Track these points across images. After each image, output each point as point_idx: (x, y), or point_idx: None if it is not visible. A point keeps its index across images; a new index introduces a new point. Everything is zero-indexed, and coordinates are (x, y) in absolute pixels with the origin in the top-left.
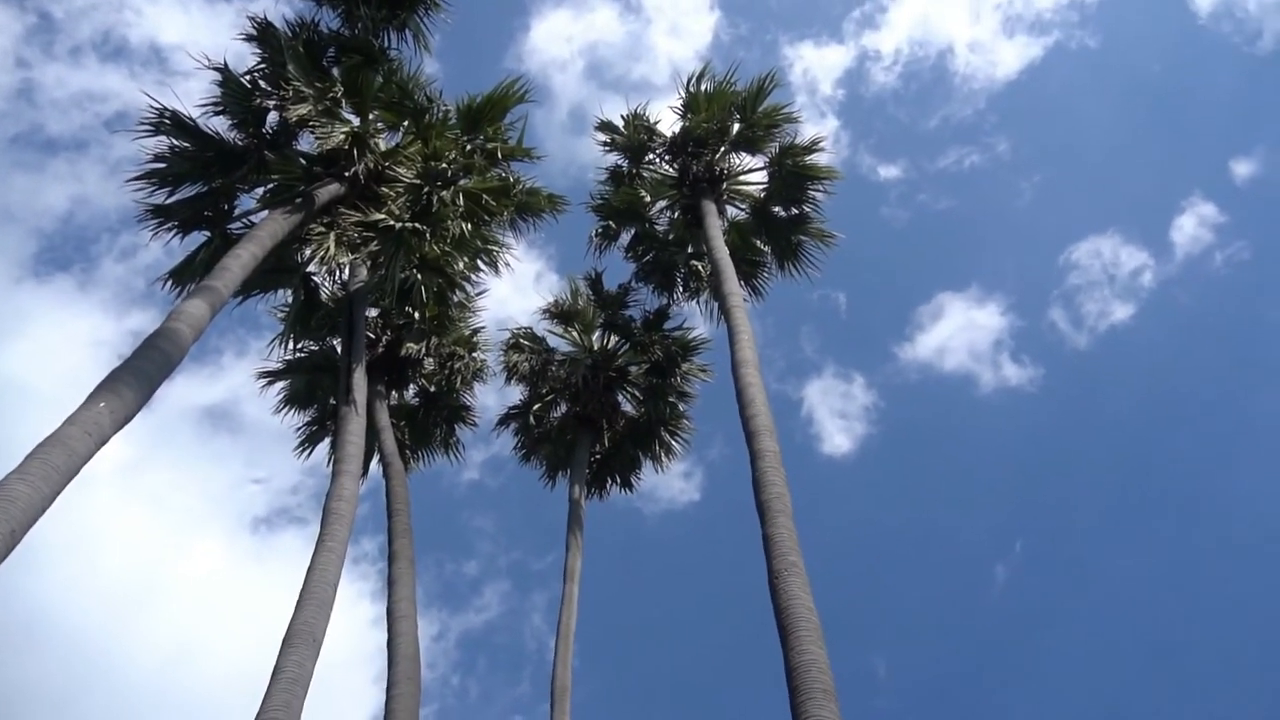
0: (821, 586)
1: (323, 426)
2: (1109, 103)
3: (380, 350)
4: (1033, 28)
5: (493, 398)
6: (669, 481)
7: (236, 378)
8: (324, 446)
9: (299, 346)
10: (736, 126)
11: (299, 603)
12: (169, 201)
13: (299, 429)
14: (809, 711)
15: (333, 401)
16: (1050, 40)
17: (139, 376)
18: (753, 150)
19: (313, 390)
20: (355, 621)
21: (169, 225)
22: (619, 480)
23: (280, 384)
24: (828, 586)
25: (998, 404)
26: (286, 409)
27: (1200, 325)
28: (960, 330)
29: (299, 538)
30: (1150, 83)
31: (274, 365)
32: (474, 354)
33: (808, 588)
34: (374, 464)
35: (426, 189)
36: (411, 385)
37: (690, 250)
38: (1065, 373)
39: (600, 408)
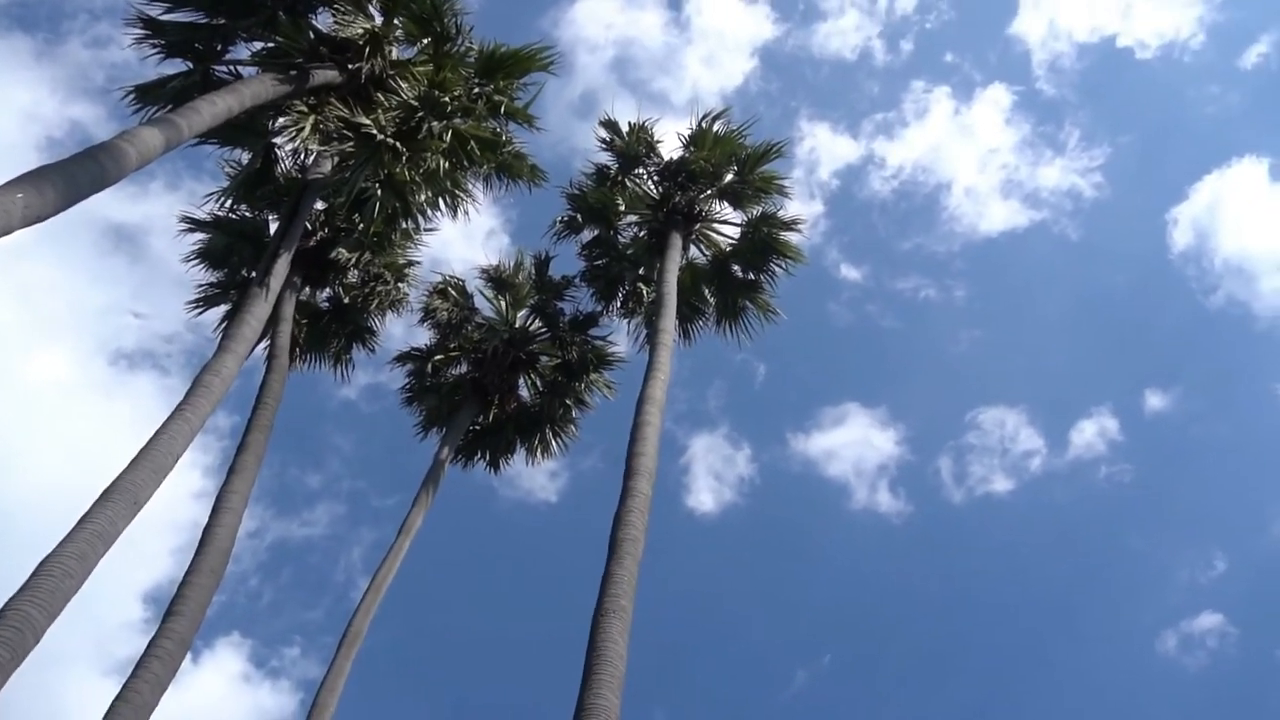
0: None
1: (225, 294)
2: (1067, 293)
3: (311, 244)
4: (1027, 198)
5: (399, 331)
6: (534, 475)
7: (157, 208)
8: (218, 313)
9: (235, 208)
10: (730, 176)
11: (135, 461)
12: (164, 17)
13: (201, 286)
14: None
15: (245, 273)
16: (1038, 216)
17: (68, 182)
18: (735, 204)
19: (229, 254)
20: (178, 487)
21: (155, 41)
22: (489, 458)
23: (201, 236)
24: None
25: (860, 523)
26: (197, 262)
27: (1062, 525)
28: (854, 443)
29: (155, 386)
30: (1110, 292)
31: (202, 215)
32: (400, 283)
33: (626, 635)
34: (260, 349)
35: (421, 114)
36: (327, 289)
37: (641, 272)
38: (931, 519)
39: (498, 383)
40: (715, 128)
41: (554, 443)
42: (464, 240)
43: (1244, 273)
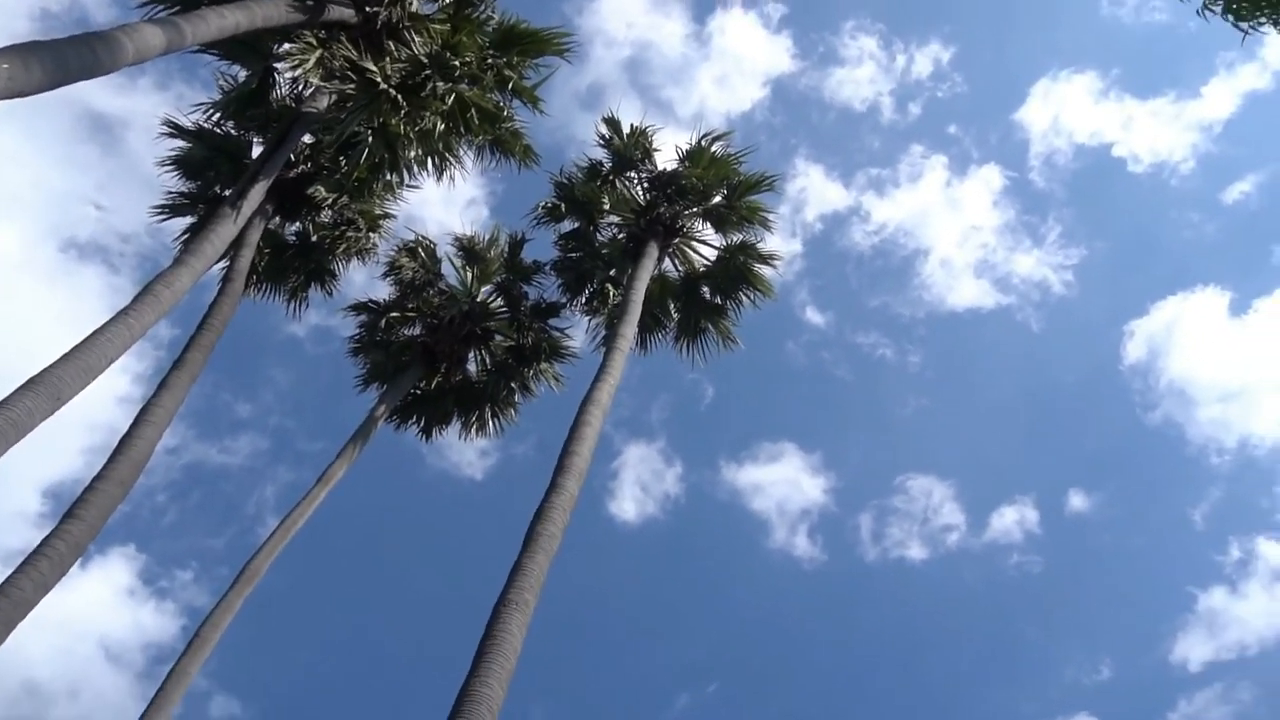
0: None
1: (193, 206)
2: (1017, 380)
3: (290, 175)
4: (999, 281)
5: (360, 280)
6: (464, 450)
7: (141, 105)
8: (183, 224)
9: (221, 123)
10: (718, 198)
11: (66, 356)
12: None
13: (171, 194)
14: None
15: (218, 190)
16: (1005, 300)
17: (58, 63)
18: (718, 227)
19: (206, 168)
20: (104, 387)
21: None
22: (423, 424)
23: (181, 144)
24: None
25: (773, 562)
26: (172, 169)
27: (965, 603)
28: (785, 482)
29: (101, 282)
30: (1058, 387)
31: (186, 123)
32: (371, 233)
33: (524, 630)
34: (217, 268)
35: (428, 72)
36: (298, 224)
37: (612, 274)
38: (842, 571)
39: (449, 352)
40: (713, 148)
41: (491, 423)
42: (443, 204)
43: (1185, 397)
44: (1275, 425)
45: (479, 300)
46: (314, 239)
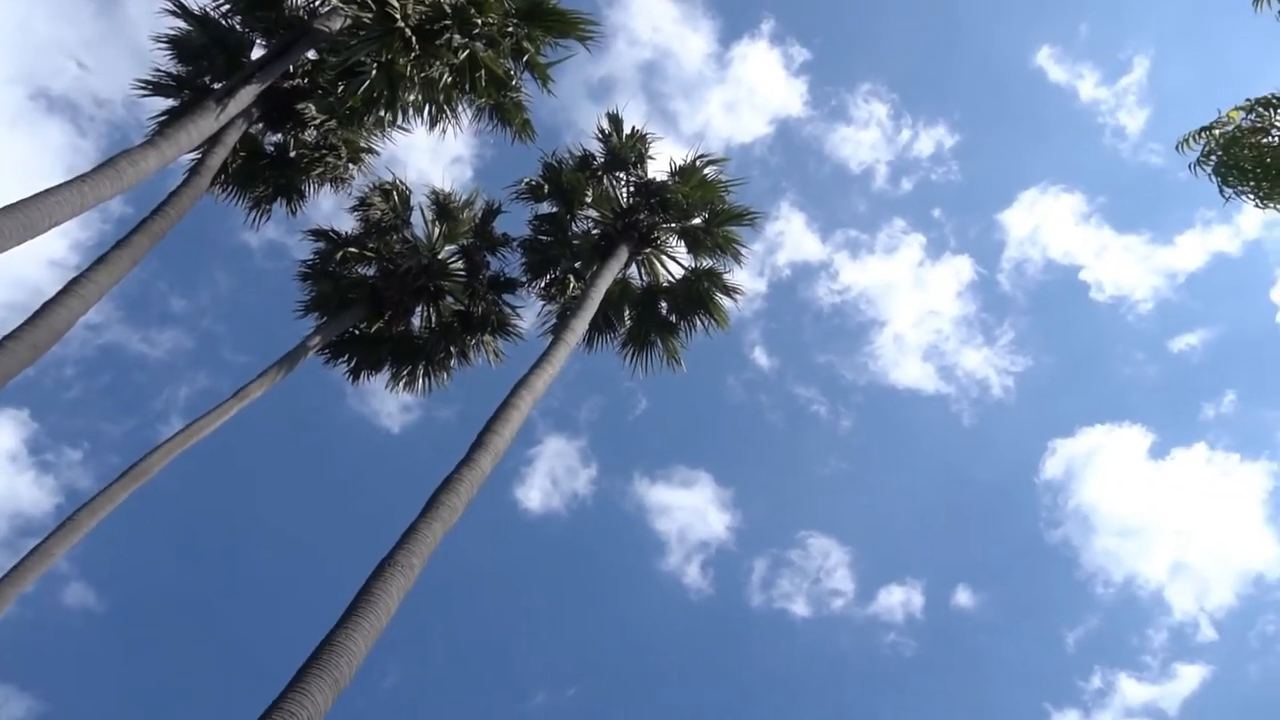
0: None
1: (178, 90)
2: (938, 467)
3: (284, 86)
4: (943, 369)
5: (327, 208)
6: (388, 400)
7: None
8: (163, 105)
9: (229, 15)
10: (697, 220)
11: (9, 208)
12: None
13: (159, 73)
14: (307, 687)
15: (207, 80)
16: (944, 389)
17: None
18: (690, 247)
19: (201, 55)
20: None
21: None
22: (353, 366)
23: (182, 25)
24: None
25: (662, 584)
26: (166, 47)
27: (835, 669)
28: (692, 510)
29: (64, 140)
30: (974, 484)
31: (192, 5)
32: (350, 164)
33: (402, 594)
34: (187, 158)
35: (449, 22)
36: (279, 135)
37: (577, 266)
38: (725, 609)
39: (396, 300)
40: (706, 170)
41: (422, 380)
42: (429, 154)
43: (1087, 524)
44: (1161, 570)
45: (440, 257)
46: (292, 155)
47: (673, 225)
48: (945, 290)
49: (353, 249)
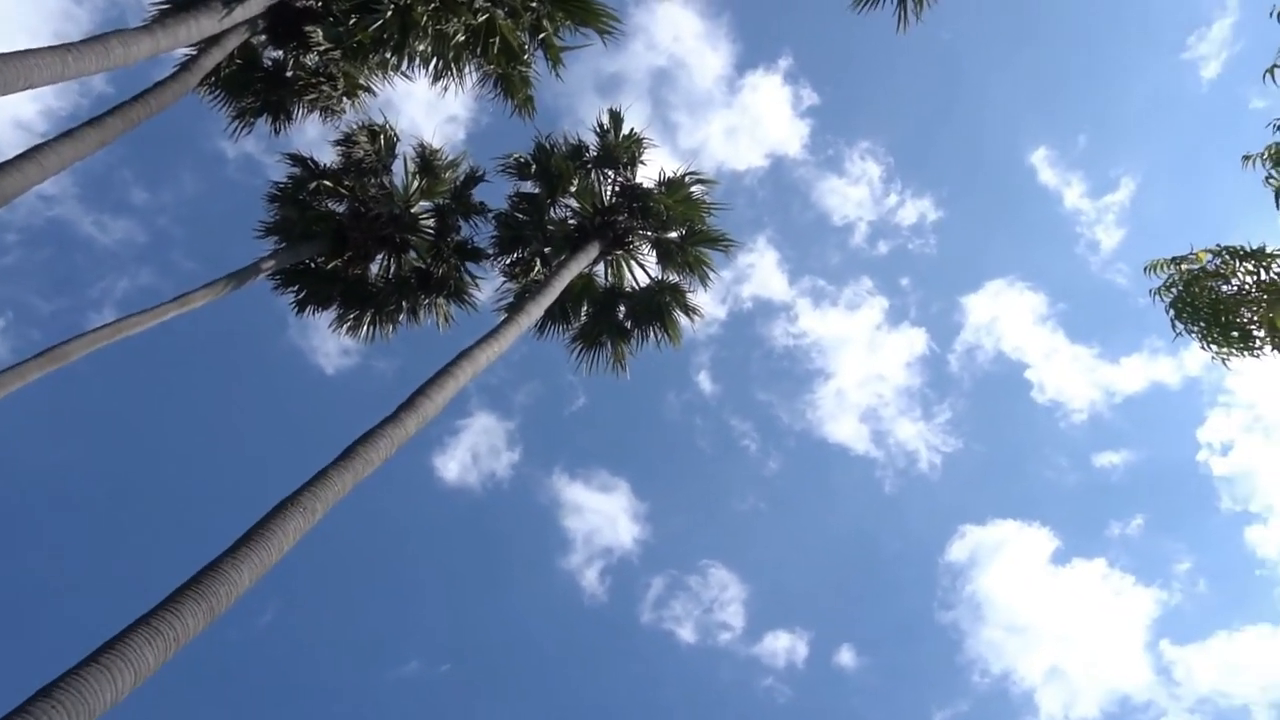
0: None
1: None
2: (851, 526)
3: (296, 4)
4: (876, 434)
5: (312, 135)
6: (329, 340)
7: None
8: None
9: None
10: (674, 234)
11: None
12: None
13: None
14: (180, 608)
15: None
16: (873, 454)
17: None
18: (661, 259)
19: None
20: (7, 108)
21: None
22: (302, 297)
23: None
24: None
25: (558, 581)
26: None
27: (704, 701)
28: (604, 515)
29: (56, 3)
30: (881, 550)
31: None
32: (345, 97)
33: (298, 536)
34: (180, 53)
35: None
36: (280, 52)
37: (546, 251)
38: (614, 618)
39: (359, 243)
40: (693, 188)
41: (367, 328)
42: (426, 107)
43: (978, 613)
44: (1038, 672)
45: (413, 211)
46: (288, 74)
47: (649, 233)
48: (896, 358)
49: (328, 182)
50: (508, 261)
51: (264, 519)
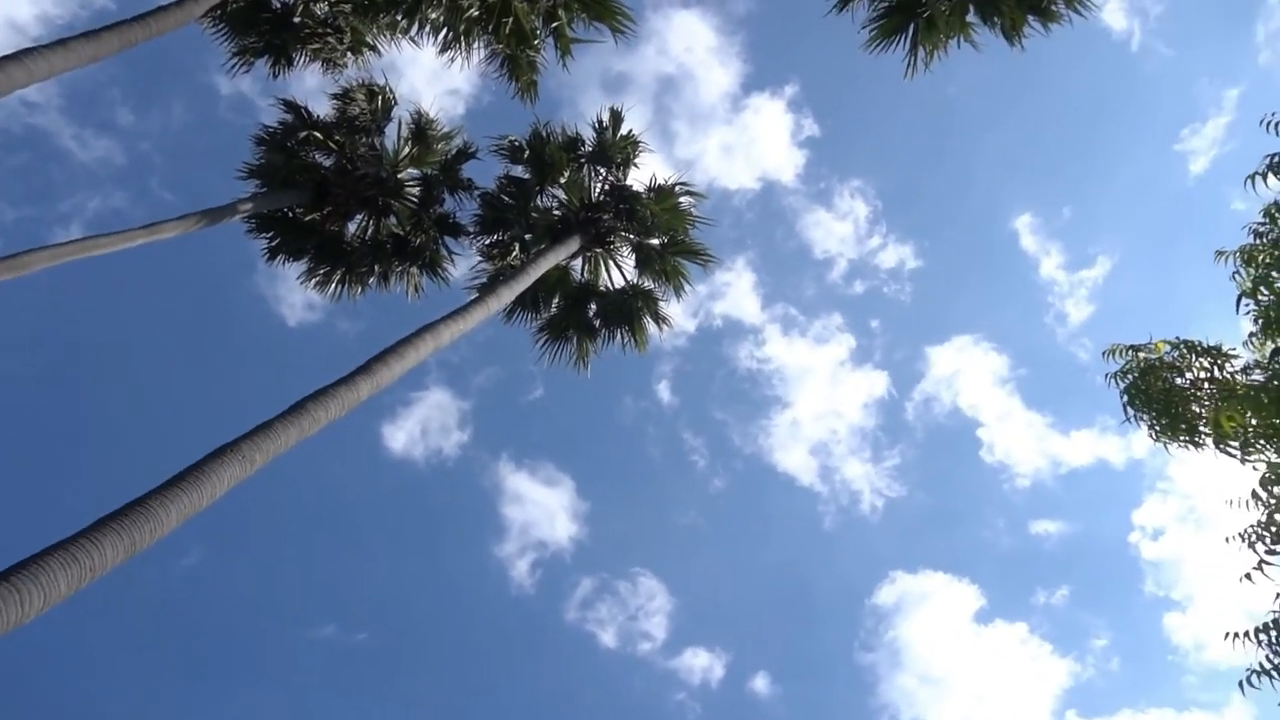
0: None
1: None
2: (790, 555)
3: None
4: (823, 469)
5: (311, 85)
6: (296, 292)
7: None
8: None
9: None
10: (655, 241)
11: None
12: None
13: None
14: (100, 539)
15: None
16: (817, 488)
17: None
18: (639, 264)
19: None
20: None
21: None
22: (275, 244)
23: None
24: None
25: (488, 567)
26: None
27: (612, 706)
28: (543, 508)
29: None
30: (806, 579)
31: None
32: (350, 52)
33: (231, 483)
34: None
35: None
36: None
37: (527, 238)
38: (539, 610)
39: (340, 200)
40: (682, 199)
41: (336, 286)
42: (429, 75)
43: (896, 659)
44: None
45: (399, 176)
46: (296, 20)
47: (631, 236)
48: (854, 397)
49: (318, 134)
50: (487, 242)
51: (200, 462)
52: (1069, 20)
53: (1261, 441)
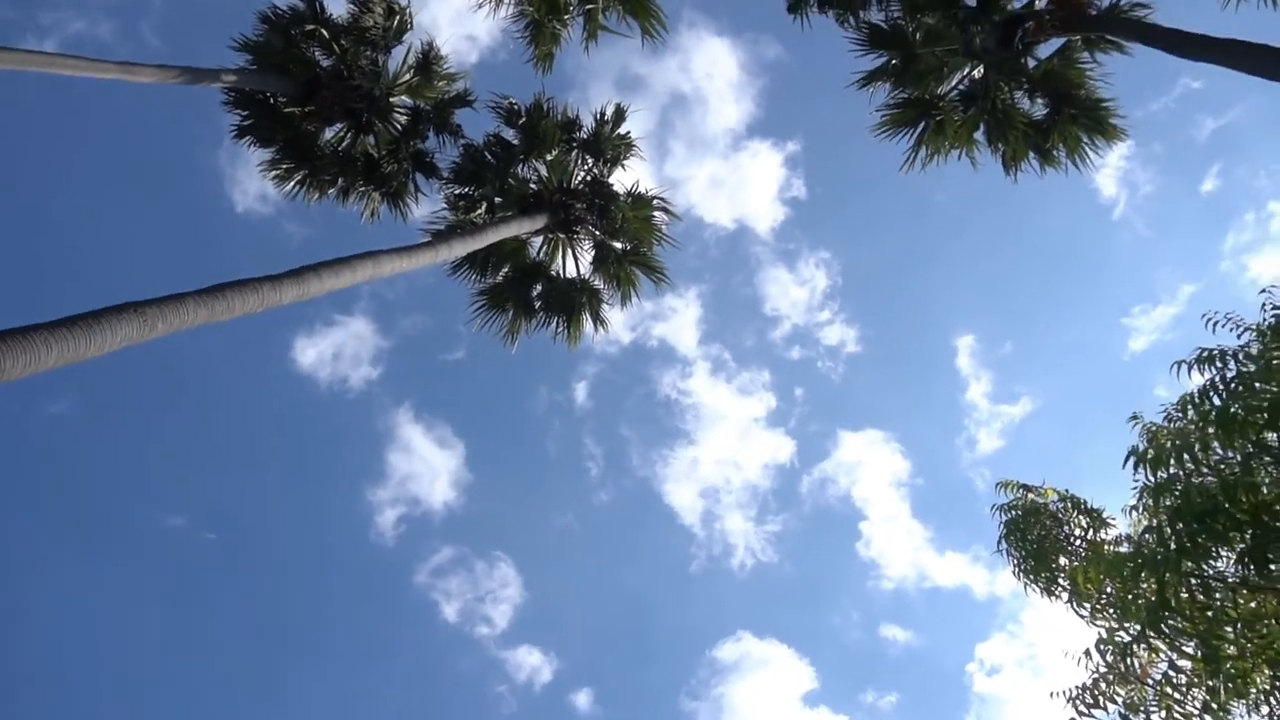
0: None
1: None
2: (646, 589)
3: None
4: (707, 513)
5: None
6: (253, 179)
7: None
8: None
9: None
10: (618, 245)
11: None
12: None
13: None
14: None
15: None
16: (698, 530)
17: None
18: (595, 262)
19: None
20: None
21: None
22: (246, 124)
23: None
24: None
25: (355, 506)
26: None
27: (436, 678)
28: (428, 464)
29: None
30: (656, 615)
31: None
32: None
33: (122, 342)
34: None
35: None
36: None
37: (496, 201)
38: (391, 565)
39: (323, 102)
40: (656, 213)
41: (296, 186)
42: (451, 14)
43: (718, 715)
44: None
45: (391, 100)
46: None
47: (596, 232)
48: (758, 456)
49: (325, 32)
50: (456, 192)
51: (98, 311)
52: (1066, 170)
53: (1110, 610)
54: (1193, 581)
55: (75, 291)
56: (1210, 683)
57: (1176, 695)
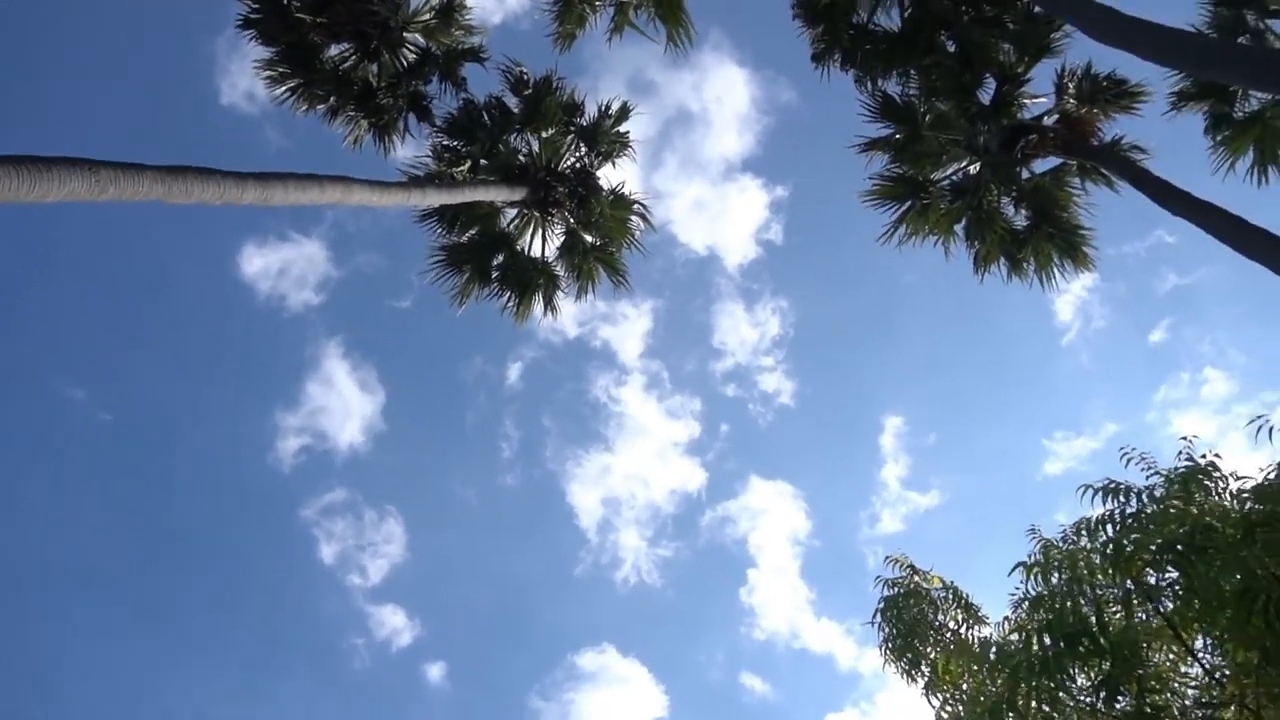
0: None
1: None
2: (527, 578)
3: None
4: (603, 522)
5: None
6: (245, 79)
7: None
8: None
9: None
10: (589, 238)
11: None
12: None
13: None
14: None
15: None
16: (591, 534)
17: None
18: (562, 248)
19: None
20: None
21: None
22: (248, 17)
23: None
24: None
25: (261, 431)
26: None
27: (296, 609)
28: (345, 404)
29: None
30: (544, 612)
31: None
32: None
33: (67, 196)
34: None
35: None
36: None
37: (482, 163)
38: (280, 496)
39: (338, 19)
40: (633, 218)
41: (285, 90)
42: None
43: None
44: None
45: (404, 35)
46: None
47: (571, 220)
48: (668, 479)
49: None
50: (444, 143)
51: (50, 159)
52: (1030, 284)
53: (961, 706)
54: (1043, 695)
55: (27, 137)
56: None
57: None
